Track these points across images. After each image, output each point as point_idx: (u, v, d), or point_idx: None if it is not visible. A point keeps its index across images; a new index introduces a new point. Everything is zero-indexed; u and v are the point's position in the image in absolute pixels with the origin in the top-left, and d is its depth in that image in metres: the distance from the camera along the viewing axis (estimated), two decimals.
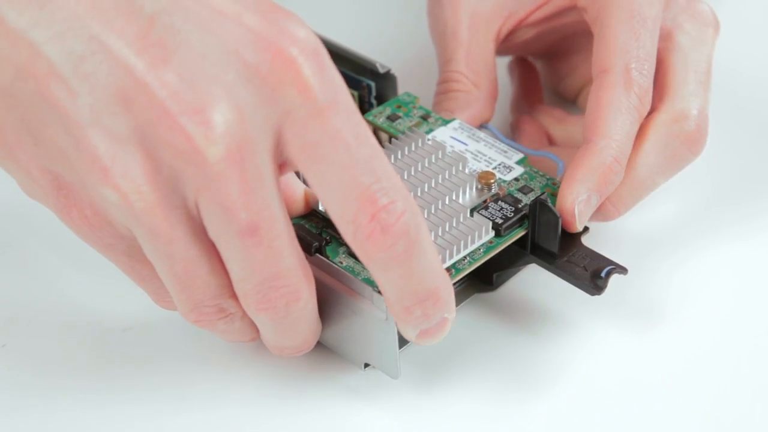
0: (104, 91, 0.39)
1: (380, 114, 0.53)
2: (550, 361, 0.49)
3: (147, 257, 0.43)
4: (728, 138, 0.58)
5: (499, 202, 0.48)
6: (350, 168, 0.40)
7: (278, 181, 0.41)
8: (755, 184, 0.57)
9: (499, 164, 0.50)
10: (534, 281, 0.51)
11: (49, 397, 0.48)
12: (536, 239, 0.48)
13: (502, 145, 0.51)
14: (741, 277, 0.52)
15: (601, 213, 0.50)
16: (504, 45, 0.56)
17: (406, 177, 0.49)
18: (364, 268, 0.46)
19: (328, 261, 0.46)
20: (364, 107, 0.55)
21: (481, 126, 0.55)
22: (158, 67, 0.39)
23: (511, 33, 0.56)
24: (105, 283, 0.51)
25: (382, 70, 0.53)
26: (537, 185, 0.50)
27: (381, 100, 0.54)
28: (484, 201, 0.49)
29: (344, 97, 0.41)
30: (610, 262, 0.47)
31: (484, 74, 0.55)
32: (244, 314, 0.44)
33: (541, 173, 0.50)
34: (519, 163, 0.51)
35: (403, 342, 0.48)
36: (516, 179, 0.50)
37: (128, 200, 0.40)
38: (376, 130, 0.53)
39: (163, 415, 0.47)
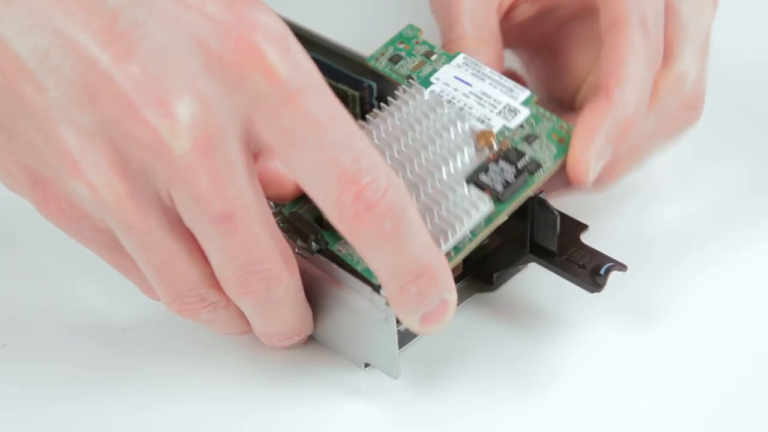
0: (70, 85, 0.39)
1: (382, 56, 0.52)
2: (550, 361, 0.48)
3: None
4: (730, 138, 0.58)
5: (500, 162, 0.47)
6: (328, 150, 0.40)
7: (252, 168, 0.41)
8: (757, 184, 0.56)
9: (504, 107, 0.48)
10: (534, 281, 0.51)
11: (49, 397, 0.48)
12: (535, 238, 0.48)
13: (509, 82, 0.49)
14: (741, 276, 0.52)
15: (597, 179, 0.48)
16: (504, 25, 0.54)
17: (402, 147, 0.47)
18: None
19: (327, 261, 0.46)
20: (365, 108, 0.54)
21: None
22: (122, 60, 0.39)
23: (512, 9, 0.54)
24: (105, 283, 0.51)
25: None
26: (542, 131, 0.48)
27: (382, 100, 0.54)
28: (486, 160, 0.47)
29: (315, 79, 0.40)
30: (609, 260, 0.47)
31: (491, 40, 0.52)
32: (228, 303, 0.44)
33: (548, 115, 0.48)
34: (525, 103, 0.49)
35: (403, 342, 0.48)
36: (521, 126, 0.48)
37: (98, 194, 0.40)
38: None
39: (163, 414, 0.47)
